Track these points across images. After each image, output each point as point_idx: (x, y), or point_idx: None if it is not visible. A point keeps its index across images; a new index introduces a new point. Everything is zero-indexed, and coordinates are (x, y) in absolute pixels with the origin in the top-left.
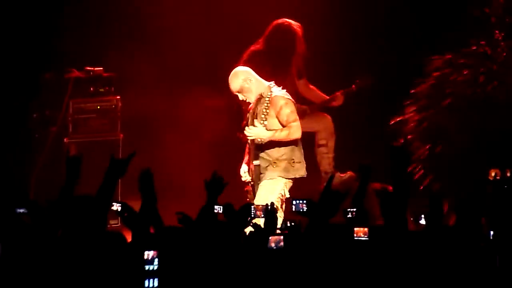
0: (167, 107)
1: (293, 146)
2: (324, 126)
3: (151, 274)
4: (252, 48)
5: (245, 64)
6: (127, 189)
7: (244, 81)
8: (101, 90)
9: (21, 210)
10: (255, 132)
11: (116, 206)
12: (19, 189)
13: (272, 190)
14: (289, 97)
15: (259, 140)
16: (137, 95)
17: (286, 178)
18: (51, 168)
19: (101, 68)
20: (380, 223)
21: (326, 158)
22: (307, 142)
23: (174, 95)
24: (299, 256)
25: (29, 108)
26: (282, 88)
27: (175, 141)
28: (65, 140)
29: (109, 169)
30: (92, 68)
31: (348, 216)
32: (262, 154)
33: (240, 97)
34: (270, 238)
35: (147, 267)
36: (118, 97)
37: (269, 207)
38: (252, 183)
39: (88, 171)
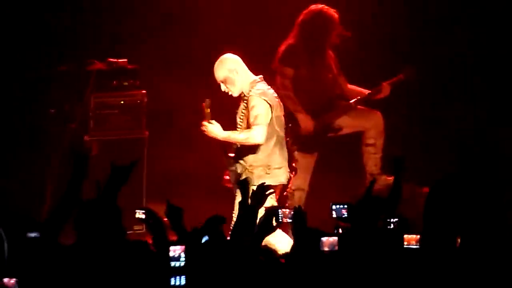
0: (195, 103)
1: (271, 151)
2: (373, 123)
3: (178, 272)
4: (286, 42)
5: (280, 64)
6: (150, 193)
7: (230, 71)
8: (125, 83)
9: (33, 235)
10: (210, 129)
11: (140, 214)
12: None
13: None
14: (267, 97)
15: (237, 145)
16: (163, 89)
17: None
18: (70, 169)
19: (125, 60)
20: None
21: (373, 158)
22: (354, 139)
23: (203, 89)
24: (352, 260)
25: (46, 103)
26: (279, 87)
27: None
28: (85, 137)
29: (110, 177)
30: (115, 60)
31: (389, 227)
32: (239, 160)
33: (223, 87)
34: (323, 240)
35: (173, 264)
36: (144, 91)
37: (297, 209)
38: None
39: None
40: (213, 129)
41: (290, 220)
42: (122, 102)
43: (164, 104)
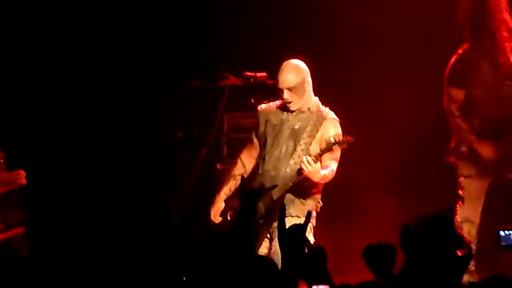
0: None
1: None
2: None
3: None
4: (457, 54)
5: (447, 84)
6: None
7: (303, 81)
8: (265, 102)
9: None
10: (314, 170)
11: None
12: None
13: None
14: None
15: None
16: None
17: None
18: (199, 202)
19: (265, 74)
20: None
21: None
22: None
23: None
24: None
25: (173, 124)
26: None
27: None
28: (217, 166)
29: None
30: (253, 74)
31: None
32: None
33: (286, 95)
34: None
35: None
36: None
37: None
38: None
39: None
40: (316, 170)
41: None
42: None
43: None
